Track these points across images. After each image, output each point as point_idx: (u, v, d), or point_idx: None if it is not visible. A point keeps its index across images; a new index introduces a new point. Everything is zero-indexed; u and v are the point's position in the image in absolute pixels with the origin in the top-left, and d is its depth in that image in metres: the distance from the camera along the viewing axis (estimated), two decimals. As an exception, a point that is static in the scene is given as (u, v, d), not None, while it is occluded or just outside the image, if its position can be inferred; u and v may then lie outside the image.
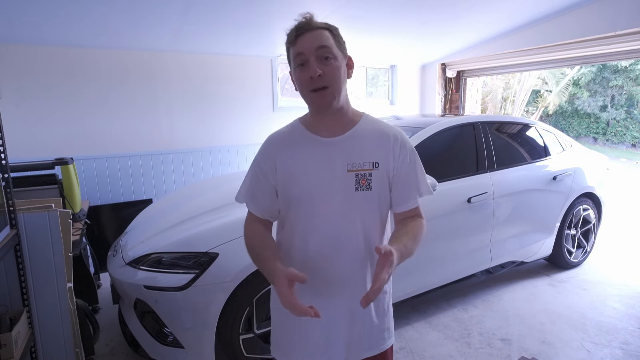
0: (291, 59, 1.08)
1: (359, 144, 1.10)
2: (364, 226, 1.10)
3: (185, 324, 1.99)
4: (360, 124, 1.13)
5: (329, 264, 1.11)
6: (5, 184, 1.53)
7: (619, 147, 15.22)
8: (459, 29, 4.36)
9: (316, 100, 1.06)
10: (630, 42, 3.75)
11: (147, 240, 2.27)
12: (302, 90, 1.07)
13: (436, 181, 2.39)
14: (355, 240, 1.10)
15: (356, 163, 1.08)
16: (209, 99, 4.28)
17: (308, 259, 1.12)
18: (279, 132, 1.19)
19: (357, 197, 1.08)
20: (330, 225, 1.09)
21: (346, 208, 1.08)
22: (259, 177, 1.16)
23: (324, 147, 1.10)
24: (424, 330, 2.66)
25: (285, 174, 1.11)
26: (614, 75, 14.85)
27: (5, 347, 1.42)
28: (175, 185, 4.17)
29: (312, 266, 1.10)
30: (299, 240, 1.13)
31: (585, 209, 3.54)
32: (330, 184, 1.08)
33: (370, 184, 1.08)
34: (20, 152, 3.30)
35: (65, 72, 3.56)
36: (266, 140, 1.19)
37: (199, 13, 3.17)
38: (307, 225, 1.11)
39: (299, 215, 1.12)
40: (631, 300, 3.02)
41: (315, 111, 1.11)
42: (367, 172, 1.08)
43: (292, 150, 1.12)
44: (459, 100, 5.96)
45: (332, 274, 1.11)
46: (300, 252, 1.13)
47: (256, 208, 1.17)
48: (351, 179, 1.08)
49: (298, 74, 1.06)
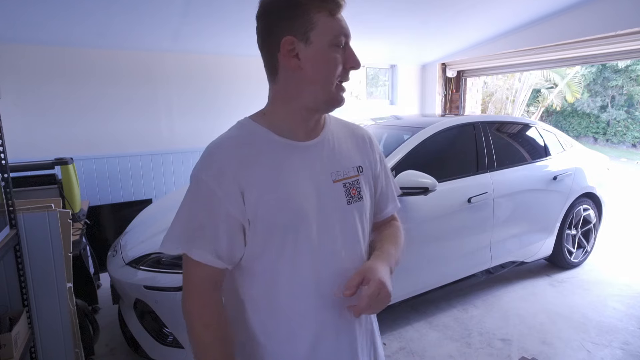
0: (323, 29, 0.78)
1: (336, 148, 0.89)
2: (364, 243, 0.92)
3: (185, 324, 1.98)
4: (328, 122, 0.93)
5: (333, 300, 0.87)
6: (5, 184, 1.53)
7: (619, 147, 15.21)
8: (459, 29, 4.35)
9: (340, 96, 0.83)
10: (630, 42, 3.75)
11: (147, 240, 2.27)
12: (328, 77, 0.80)
13: (436, 181, 2.39)
14: (358, 262, 0.89)
15: (340, 171, 0.87)
16: (209, 99, 4.28)
17: (304, 304, 0.85)
18: (225, 140, 0.83)
19: (352, 212, 0.88)
20: (331, 253, 0.85)
21: (344, 227, 0.87)
22: (212, 209, 0.78)
23: (300, 153, 0.84)
24: (424, 330, 2.65)
25: (256, 197, 0.79)
26: (614, 75, 14.85)
27: (5, 347, 1.42)
28: (175, 185, 4.16)
29: (314, 307, 0.86)
30: (288, 284, 0.83)
31: (586, 209, 3.54)
32: (321, 201, 0.84)
33: (360, 193, 0.89)
34: (20, 152, 3.30)
35: (65, 72, 3.56)
36: (209, 154, 0.81)
37: (199, 13, 3.17)
38: (300, 262, 0.83)
39: (280, 250, 0.82)
40: (631, 300, 3.02)
41: (321, 109, 0.85)
42: (355, 179, 0.89)
43: (260, 162, 0.80)
44: (459, 100, 5.96)
45: (337, 309, 0.88)
46: (292, 297, 0.84)
47: (212, 253, 0.79)
48: (339, 190, 0.86)
49: (335, 55, 0.80)
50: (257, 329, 0.86)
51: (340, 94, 0.83)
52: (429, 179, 2.34)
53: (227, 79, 4.33)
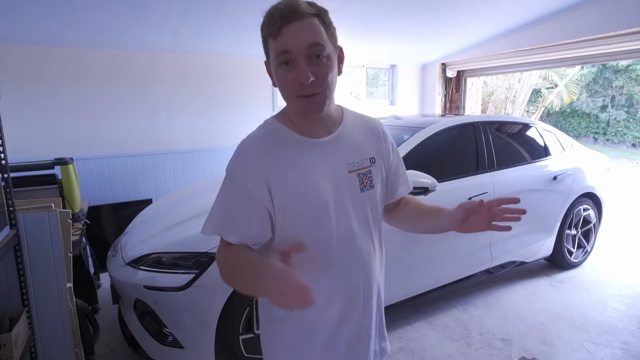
0: (271, 52, 0.88)
1: (352, 141, 1.01)
2: (374, 227, 1.04)
3: (185, 324, 1.98)
4: (346, 118, 1.03)
5: (361, 288, 1.01)
6: (5, 184, 1.53)
7: (619, 147, 15.22)
8: (459, 29, 4.36)
9: (304, 107, 0.90)
10: (630, 42, 3.75)
11: (147, 240, 2.27)
12: (286, 94, 0.90)
13: (436, 181, 2.39)
14: (368, 245, 1.03)
15: (355, 162, 0.99)
16: (209, 99, 4.28)
17: (327, 287, 0.98)
18: (254, 139, 0.96)
19: (364, 199, 1.00)
20: (346, 235, 0.97)
21: (359, 214, 0.99)
22: (244, 201, 0.92)
23: (319, 149, 0.96)
24: (424, 330, 2.65)
25: (287, 190, 0.92)
26: (614, 75, 14.85)
27: (5, 347, 1.42)
28: (175, 185, 4.17)
29: (329, 281, 0.98)
30: (312, 265, 0.96)
31: (586, 209, 3.54)
32: (339, 190, 0.96)
33: (372, 182, 1.02)
34: (20, 152, 3.30)
35: (65, 72, 3.56)
36: (241, 152, 0.94)
37: (199, 13, 3.17)
38: (320, 245, 0.96)
39: (306, 235, 0.93)
40: (631, 300, 3.02)
41: (302, 116, 0.95)
42: (367, 170, 1.01)
43: (285, 159, 0.93)
44: (459, 100, 5.96)
45: (365, 295, 1.02)
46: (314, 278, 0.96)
47: (243, 238, 0.94)
48: (354, 180, 0.98)
49: (282, 74, 0.87)
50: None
51: (304, 104, 0.89)
52: (429, 179, 2.34)
53: (227, 79, 4.33)
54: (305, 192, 0.92)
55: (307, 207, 0.93)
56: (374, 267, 1.05)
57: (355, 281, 1.00)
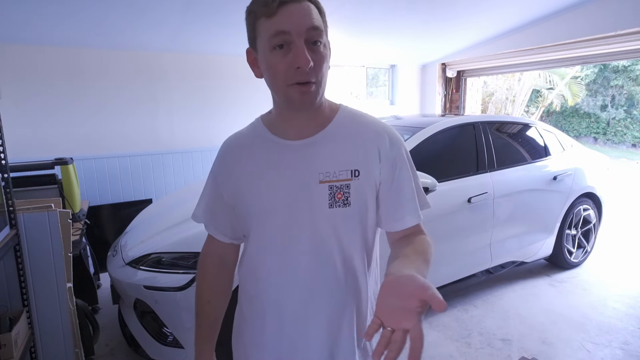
0: (263, 34, 0.78)
1: (334, 147, 0.85)
2: (342, 253, 0.86)
3: (185, 324, 1.98)
4: (337, 119, 0.88)
5: (296, 305, 0.88)
6: (5, 184, 1.53)
7: (619, 147, 15.21)
8: (459, 29, 4.35)
9: (298, 97, 0.79)
10: (631, 42, 3.75)
11: (147, 240, 2.27)
12: (277, 82, 0.79)
13: (436, 181, 2.39)
14: (331, 272, 0.86)
15: (330, 172, 0.83)
16: (209, 99, 4.28)
17: (265, 295, 0.91)
18: (237, 134, 0.98)
19: (331, 216, 0.84)
20: (293, 252, 0.86)
21: (316, 230, 0.84)
22: (214, 191, 0.96)
23: (289, 152, 0.86)
24: (424, 330, 2.65)
25: (238, 187, 0.89)
26: (614, 75, 14.85)
27: (5, 347, 1.42)
28: (175, 185, 4.17)
29: (273, 305, 0.89)
30: (252, 272, 0.93)
31: (586, 209, 3.54)
32: (295, 199, 0.84)
33: (348, 199, 0.83)
34: (20, 152, 3.30)
35: (65, 72, 3.56)
36: (222, 145, 0.98)
37: (199, 13, 3.17)
38: (264, 253, 0.89)
39: (255, 240, 0.90)
40: (631, 300, 3.02)
41: (292, 109, 0.84)
42: (344, 184, 0.83)
43: (248, 157, 0.90)
44: (459, 100, 5.96)
45: (301, 317, 0.88)
46: (254, 286, 0.93)
47: (216, 230, 0.98)
48: (324, 192, 0.83)
49: (275, 59, 0.77)
50: (242, 299, 1.01)
51: (297, 95, 0.79)
52: (429, 179, 2.34)
53: (227, 78, 4.33)
54: (254, 194, 0.88)
55: (253, 209, 0.89)
56: (335, 303, 0.87)
57: (303, 319, 0.88)
